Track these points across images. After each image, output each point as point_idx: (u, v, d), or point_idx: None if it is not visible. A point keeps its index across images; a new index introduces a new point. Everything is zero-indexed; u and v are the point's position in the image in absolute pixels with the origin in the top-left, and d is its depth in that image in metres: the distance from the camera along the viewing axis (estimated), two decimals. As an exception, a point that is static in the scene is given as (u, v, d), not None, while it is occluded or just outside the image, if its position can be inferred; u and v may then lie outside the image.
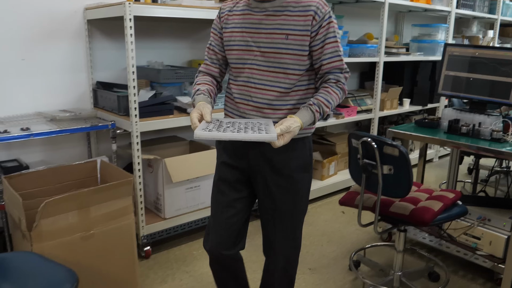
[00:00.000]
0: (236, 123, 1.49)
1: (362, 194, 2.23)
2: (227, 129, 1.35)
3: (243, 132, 1.33)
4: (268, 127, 1.42)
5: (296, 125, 1.44)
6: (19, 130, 2.46)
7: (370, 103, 4.17)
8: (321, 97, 1.54)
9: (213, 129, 1.35)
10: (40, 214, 1.97)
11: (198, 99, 1.56)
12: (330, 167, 3.99)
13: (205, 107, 1.48)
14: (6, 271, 1.65)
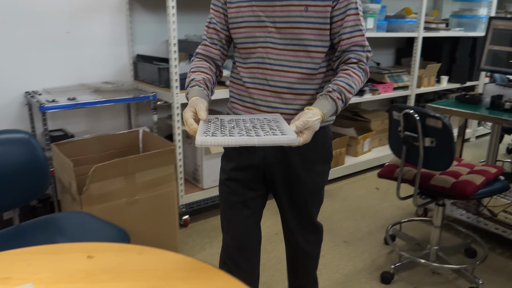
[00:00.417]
0: (240, 121, 1.26)
1: (401, 166, 2.22)
2: (233, 131, 1.13)
3: (253, 133, 1.10)
4: (280, 125, 1.20)
5: (316, 118, 1.21)
6: (66, 100, 2.55)
7: (406, 79, 4.11)
8: (341, 82, 1.32)
9: (216, 132, 1.12)
10: (90, 179, 2.05)
11: (191, 92, 1.32)
12: (365, 144, 3.98)
13: (199, 102, 1.24)
14: (61, 228, 1.75)
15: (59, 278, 0.99)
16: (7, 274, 1.01)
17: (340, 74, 1.34)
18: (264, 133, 1.10)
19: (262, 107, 1.43)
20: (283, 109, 1.41)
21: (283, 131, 1.13)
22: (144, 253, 1.09)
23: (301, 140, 1.18)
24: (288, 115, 1.39)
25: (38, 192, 1.85)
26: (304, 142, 1.18)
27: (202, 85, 1.35)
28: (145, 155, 2.24)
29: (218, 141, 1.04)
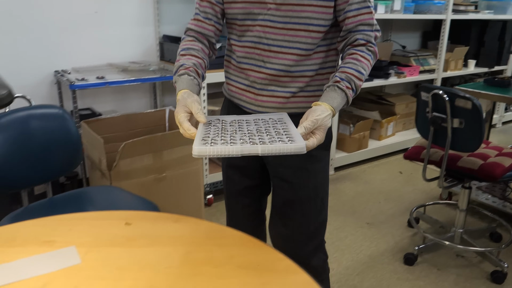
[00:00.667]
0: (244, 122, 1.16)
1: (428, 148, 2.21)
2: (235, 136, 1.02)
3: (257, 139, 1.00)
4: (287, 128, 1.10)
5: (326, 114, 1.11)
6: (95, 79, 2.59)
7: (433, 63, 4.04)
8: (349, 69, 1.20)
9: (217, 137, 1.01)
10: (119, 155, 2.10)
11: (180, 82, 1.20)
12: (389, 128, 3.95)
13: (193, 102, 1.11)
14: (93, 200, 1.80)
15: (99, 242, 1.03)
16: (50, 237, 1.06)
17: (348, 60, 1.23)
18: (269, 138, 1.01)
19: (259, 90, 1.33)
20: (280, 92, 1.31)
21: (291, 136, 1.02)
22: (180, 221, 1.12)
23: (314, 142, 1.08)
24: (285, 99, 1.32)
25: (70, 166, 1.90)
26: (317, 143, 1.08)
27: (192, 73, 1.22)
28: (172, 133, 2.27)
29: (218, 150, 0.94)
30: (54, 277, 0.90)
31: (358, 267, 2.36)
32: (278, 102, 1.32)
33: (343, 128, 3.65)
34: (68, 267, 0.93)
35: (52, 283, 0.88)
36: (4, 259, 0.96)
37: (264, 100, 1.33)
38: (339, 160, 3.59)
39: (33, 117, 1.78)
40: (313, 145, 1.07)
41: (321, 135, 1.10)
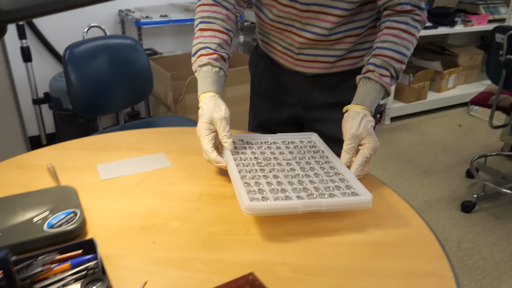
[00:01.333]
0: (274, 148, 1.00)
1: (498, 92, 2.14)
2: (281, 179, 0.86)
3: (311, 187, 0.84)
4: (330, 160, 0.95)
5: (357, 121, 0.92)
6: (159, 17, 2.64)
7: (504, 12, 3.81)
8: (387, 50, 0.98)
9: (260, 181, 0.84)
10: (185, 88, 2.17)
11: (203, 79, 1.00)
12: (450, 80, 3.82)
13: (221, 120, 0.92)
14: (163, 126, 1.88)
15: (186, 150, 1.09)
16: (140, 145, 1.13)
17: (386, 37, 0.99)
18: (321, 182, 0.86)
19: (298, 54, 1.13)
20: (324, 56, 1.12)
21: (344, 178, 0.88)
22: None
23: (369, 166, 0.92)
24: (330, 64, 1.13)
25: (141, 96, 1.98)
26: (372, 154, 0.92)
27: (216, 62, 1.00)
28: (235, 70, 2.31)
29: (274, 207, 0.76)
30: (149, 176, 0.98)
31: (413, 211, 2.37)
32: (322, 68, 1.14)
33: (402, 78, 3.57)
34: (160, 169, 1.01)
35: (149, 180, 0.96)
36: (102, 160, 1.05)
37: (305, 66, 1.15)
38: (396, 110, 3.53)
39: (109, 46, 1.86)
40: (369, 168, 0.93)
41: (370, 144, 0.91)
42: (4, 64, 1.64)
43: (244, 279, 0.65)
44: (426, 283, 0.66)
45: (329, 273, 0.68)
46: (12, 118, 1.75)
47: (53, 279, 0.64)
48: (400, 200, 0.89)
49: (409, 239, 0.77)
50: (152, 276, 0.67)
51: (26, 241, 0.70)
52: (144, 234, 0.78)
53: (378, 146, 0.92)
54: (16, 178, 0.96)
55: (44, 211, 0.77)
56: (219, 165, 0.90)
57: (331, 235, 0.78)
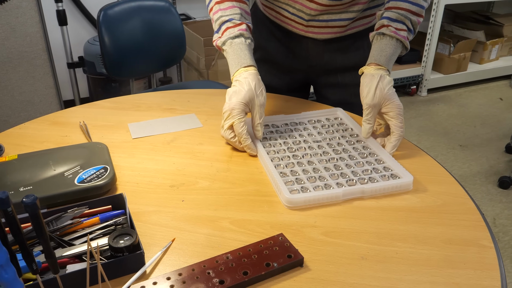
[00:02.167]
0: (302, 130, 0.95)
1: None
2: (316, 164, 0.82)
3: (348, 172, 0.80)
4: (360, 138, 0.91)
5: (382, 84, 0.85)
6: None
7: (556, -22, 3.57)
8: (403, 3, 0.90)
9: (296, 170, 0.80)
10: (218, 53, 2.14)
11: (238, 51, 0.91)
12: (493, 51, 3.63)
13: (261, 106, 0.86)
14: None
15: (217, 112, 1.07)
16: (171, 106, 1.12)
17: None
18: (357, 164, 0.82)
19: (308, 21, 1.05)
20: (336, 21, 1.03)
21: (378, 156, 0.85)
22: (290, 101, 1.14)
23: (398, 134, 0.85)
24: (342, 28, 1.06)
25: (174, 59, 1.97)
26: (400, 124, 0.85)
27: (247, 32, 0.92)
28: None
29: (316, 197, 0.73)
30: (180, 135, 0.97)
31: (448, 185, 2.30)
32: (334, 33, 1.07)
33: (442, 47, 3.42)
34: (191, 129, 1.00)
35: (179, 139, 0.95)
36: (133, 119, 1.04)
37: (316, 32, 1.07)
38: (433, 81, 3.41)
39: (143, 8, 1.83)
40: (400, 133, 0.85)
41: (394, 111, 0.84)
42: (40, 25, 1.65)
43: (273, 240, 0.63)
44: (464, 251, 0.63)
45: (361, 238, 0.66)
46: (47, 78, 1.77)
47: (82, 232, 0.65)
48: (439, 167, 0.85)
49: (447, 206, 0.73)
50: (180, 234, 0.67)
51: (56, 194, 0.71)
52: (173, 192, 0.77)
53: (402, 108, 0.86)
54: (50, 134, 0.97)
55: (75, 166, 0.77)
56: (249, 151, 0.86)
57: (364, 199, 0.75)
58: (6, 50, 1.63)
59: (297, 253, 0.61)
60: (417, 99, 3.37)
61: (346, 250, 0.63)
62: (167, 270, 0.60)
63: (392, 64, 0.91)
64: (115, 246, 0.58)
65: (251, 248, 0.62)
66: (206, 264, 0.59)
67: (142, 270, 0.58)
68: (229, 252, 0.61)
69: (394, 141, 0.85)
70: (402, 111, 0.85)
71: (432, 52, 3.29)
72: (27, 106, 1.74)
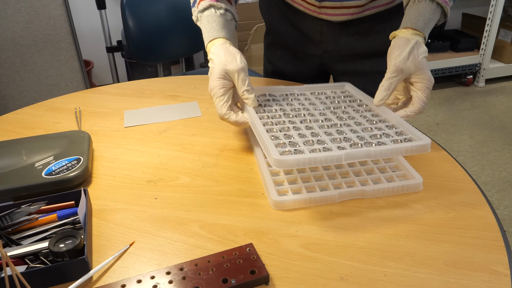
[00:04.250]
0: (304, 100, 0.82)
1: None
2: (315, 129, 0.69)
3: (353, 136, 0.66)
4: (370, 107, 0.78)
5: (418, 51, 0.72)
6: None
7: None
8: None
9: (290, 133, 0.67)
10: (251, 37, 2.05)
11: (207, 25, 0.80)
12: None
13: (239, 71, 0.72)
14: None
15: (221, 100, 1.00)
16: (175, 92, 1.06)
17: None
18: (363, 130, 0.69)
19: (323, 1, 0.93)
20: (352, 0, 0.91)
21: (388, 122, 0.71)
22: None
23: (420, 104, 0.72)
24: (359, 8, 0.93)
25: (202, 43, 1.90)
26: (424, 99, 0.72)
27: (220, 4, 0.81)
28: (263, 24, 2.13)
29: (313, 159, 0.58)
30: (175, 125, 0.90)
31: (498, 184, 2.09)
32: (350, 14, 0.94)
33: (504, 34, 3.12)
34: (189, 118, 0.92)
35: (173, 129, 0.88)
36: (133, 106, 0.99)
37: (329, 13, 0.96)
38: (493, 71, 3.12)
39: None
40: (421, 107, 0.72)
41: (423, 83, 0.71)
42: (63, 8, 1.64)
43: (240, 251, 0.55)
44: (471, 278, 0.51)
45: (347, 253, 0.56)
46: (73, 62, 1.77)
47: (36, 230, 0.59)
48: (460, 170, 0.72)
49: (460, 219, 0.61)
50: (142, 237, 0.60)
51: (20, 187, 0.66)
52: (149, 188, 0.70)
53: (432, 83, 0.72)
54: (43, 120, 0.93)
55: (48, 157, 0.72)
56: (242, 125, 0.73)
57: (361, 207, 0.64)
58: (31, 34, 1.64)
59: (262, 268, 0.52)
60: (473, 89, 3.11)
61: (325, 268, 0.54)
62: (116, 279, 0.53)
63: (429, 31, 0.77)
64: (54, 250, 0.52)
65: (211, 259, 0.54)
66: (156, 275, 0.52)
67: (83, 280, 0.52)
68: (185, 262, 0.53)
69: (410, 112, 0.72)
70: (431, 86, 0.72)
71: (492, 39, 3.01)
72: (53, 90, 1.75)
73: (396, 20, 0.92)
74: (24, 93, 1.76)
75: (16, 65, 1.70)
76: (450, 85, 3.20)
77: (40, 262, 0.55)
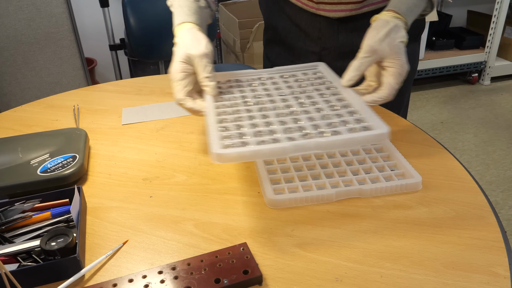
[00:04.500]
0: (269, 84, 0.78)
1: None
2: (271, 118, 0.65)
3: (308, 125, 0.61)
4: (338, 90, 0.73)
5: (386, 29, 0.68)
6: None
7: None
8: None
9: (243, 123, 0.63)
10: (253, 35, 2.04)
11: (178, 9, 0.77)
12: None
13: (201, 57, 0.69)
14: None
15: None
16: (174, 90, 1.05)
17: None
18: (322, 118, 0.63)
19: None
20: None
21: (352, 108, 0.66)
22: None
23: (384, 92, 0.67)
24: (358, 4, 0.91)
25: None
26: (392, 87, 0.67)
27: None
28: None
29: (254, 153, 0.55)
30: (173, 122, 0.89)
31: (503, 184, 2.07)
32: (349, 10, 0.93)
33: (510, 32, 3.08)
34: (187, 116, 0.92)
35: (170, 127, 0.87)
36: (131, 104, 0.98)
37: (327, 9, 0.94)
38: (498, 69, 3.09)
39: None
40: (389, 93, 0.67)
41: (395, 68, 0.67)
42: (65, 5, 1.63)
43: (233, 250, 0.54)
44: (469, 280, 0.50)
45: (342, 253, 0.55)
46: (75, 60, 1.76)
47: (29, 228, 0.59)
48: (461, 169, 0.71)
49: (460, 219, 0.60)
50: (135, 235, 0.59)
51: (15, 184, 0.65)
52: (144, 186, 0.69)
53: (406, 70, 0.68)
54: (41, 118, 0.93)
55: (44, 154, 0.72)
56: (198, 113, 0.68)
57: (358, 206, 0.63)
58: (33, 31, 1.64)
59: (255, 268, 0.51)
60: (479, 88, 3.08)
61: (320, 268, 0.53)
62: (108, 277, 0.52)
63: (412, 19, 0.73)
64: (46, 249, 0.52)
65: (204, 259, 0.53)
66: (148, 274, 0.51)
67: (74, 278, 0.51)
68: (178, 261, 0.53)
69: (377, 97, 0.67)
70: (404, 74, 0.68)
71: (498, 36, 2.98)
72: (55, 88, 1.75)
73: None
74: (26, 91, 1.76)
75: (18, 63, 1.70)
76: (455, 83, 3.17)
77: (33, 260, 0.55)
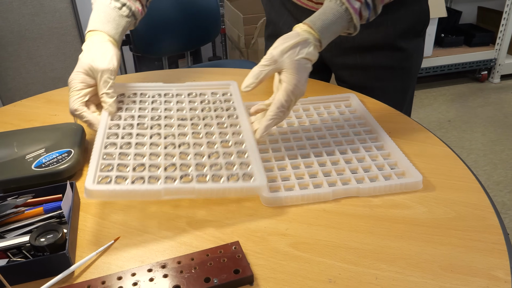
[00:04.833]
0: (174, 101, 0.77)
1: None
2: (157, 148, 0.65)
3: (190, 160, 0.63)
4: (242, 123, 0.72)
5: (300, 49, 0.66)
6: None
7: None
8: None
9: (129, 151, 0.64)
10: (258, 31, 2.02)
11: (94, 14, 0.76)
12: None
13: (104, 71, 0.70)
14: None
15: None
16: (175, 86, 1.04)
17: None
18: (209, 153, 0.64)
19: None
20: None
21: (243, 148, 0.66)
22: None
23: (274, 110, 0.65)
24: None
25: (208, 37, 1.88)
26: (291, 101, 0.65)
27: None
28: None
29: (127, 192, 0.56)
30: (171, 118, 0.88)
31: (511, 184, 2.04)
32: None
33: (521, 29, 3.04)
34: (186, 112, 0.90)
35: (169, 123, 0.86)
36: (130, 99, 0.97)
37: None
38: (508, 67, 3.05)
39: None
40: (273, 114, 0.65)
41: (288, 84, 0.64)
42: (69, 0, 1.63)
43: (225, 249, 0.53)
44: (468, 284, 0.49)
45: (337, 254, 0.53)
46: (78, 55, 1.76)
47: (21, 223, 0.58)
48: (463, 168, 0.69)
49: (461, 220, 0.58)
50: (127, 232, 0.58)
51: (9, 179, 0.65)
52: (139, 182, 0.68)
53: (300, 90, 0.65)
54: (40, 113, 0.92)
55: (40, 149, 0.71)
56: (93, 127, 0.68)
57: (355, 205, 0.62)
58: (37, 26, 1.63)
59: (247, 268, 0.50)
60: (488, 86, 3.04)
61: (313, 269, 0.51)
62: (97, 274, 0.52)
63: (328, 37, 0.69)
64: (35, 244, 0.51)
65: (195, 257, 0.52)
66: (138, 272, 0.50)
67: (63, 275, 0.50)
68: (168, 259, 0.52)
69: (266, 121, 0.65)
70: (298, 94, 0.65)
71: (509, 33, 2.94)
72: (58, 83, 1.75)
73: (397, 12, 0.89)
74: (30, 86, 1.76)
75: (22, 58, 1.70)
76: (464, 81, 3.13)
77: (23, 256, 0.54)
